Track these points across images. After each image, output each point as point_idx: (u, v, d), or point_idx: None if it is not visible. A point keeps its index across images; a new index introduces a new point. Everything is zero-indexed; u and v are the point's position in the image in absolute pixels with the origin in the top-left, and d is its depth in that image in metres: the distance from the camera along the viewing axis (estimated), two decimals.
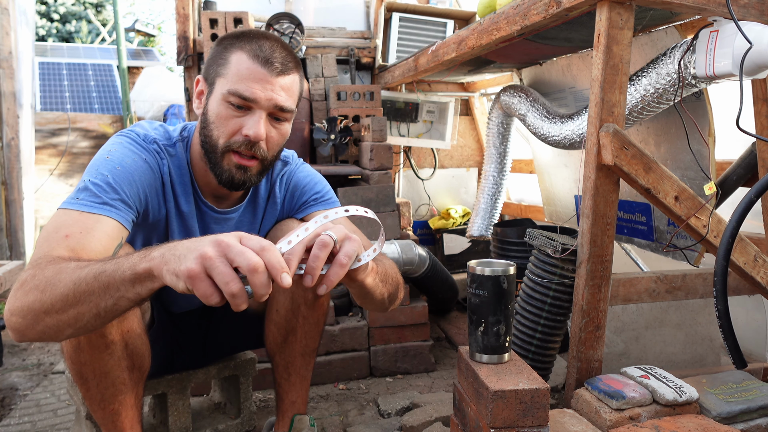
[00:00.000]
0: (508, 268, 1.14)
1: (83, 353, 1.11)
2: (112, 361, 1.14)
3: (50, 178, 4.23)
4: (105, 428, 1.23)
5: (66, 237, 0.98)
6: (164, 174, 1.21)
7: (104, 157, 1.13)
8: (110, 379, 1.16)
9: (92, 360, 1.12)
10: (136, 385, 1.22)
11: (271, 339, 1.42)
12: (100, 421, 1.22)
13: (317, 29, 3.05)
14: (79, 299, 0.85)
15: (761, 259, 1.49)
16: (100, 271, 0.84)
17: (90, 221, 1.03)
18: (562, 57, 2.21)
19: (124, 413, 1.22)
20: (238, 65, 1.12)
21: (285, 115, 1.17)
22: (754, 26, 1.29)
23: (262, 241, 0.77)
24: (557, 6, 1.39)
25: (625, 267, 2.29)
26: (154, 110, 5.67)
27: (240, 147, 1.14)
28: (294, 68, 1.17)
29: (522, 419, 1.06)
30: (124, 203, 1.09)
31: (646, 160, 1.33)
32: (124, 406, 1.21)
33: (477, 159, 3.42)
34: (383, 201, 2.25)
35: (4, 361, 2.31)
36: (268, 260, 0.76)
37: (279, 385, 1.46)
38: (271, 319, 1.40)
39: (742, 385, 1.35)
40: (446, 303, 2.55)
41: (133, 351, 1.18)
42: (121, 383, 1.18)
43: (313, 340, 1.42)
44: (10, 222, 3.19)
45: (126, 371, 1.18)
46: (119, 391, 1.19)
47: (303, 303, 1.36)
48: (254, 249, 0.76)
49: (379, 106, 2.69)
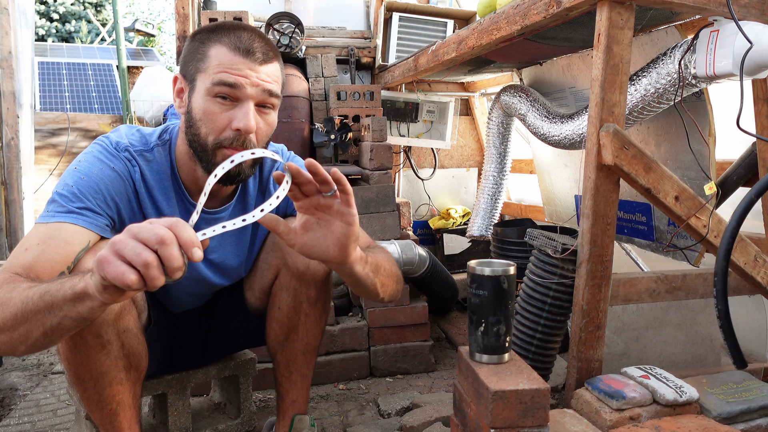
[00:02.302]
0: (508, 268, 1.14)
1: (79, 353, 1.11)
2: (108, 361, 1.13)
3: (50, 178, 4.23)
4: (103, 429, 1.23)
5: (25, 251, 1.01)
6: (136, 180, 1.18)
7: (73, 168, 1.14)
8: (107, 379, 1.15)
9: (88, 360, 1.12)
10: (133, 385, 1.22)
11: (272, 337, 1.42)
12: (99, 421, 1.21)
13: (317, 29, 3.05)
14: (27, 318, 0.86)
15: (761, 259, 1.49)
16: (45, 291, 0.86)
17: (50, 230, 1.05)
18: (563, 57, 2.21)
19: (122, 413, 1.21)
20: (219, 58, 1.09)
21: (272, 101, 1.14)
22: (755, 26, 1.29)
23: (172, 220, 0.76)
24: (557, 6, 1.39)
25: (625, 267, 2.29)
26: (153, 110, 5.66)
27: (231, 143, 1.11)
28: (274, 57, 1.15)
29: (522, 419, 1.06)
30: (90, 210, 1.10)
31: (646, 160, 1.33)
32: (121, 407, 1.20)
33: (477, 159, 3.42)
34: (383, 201, 2.25)
35: (4, 361, 2.30)
36: (178, 234, 0.75)
37: (280, 384, 1.46)
38: (273, 317, 1.40)
39: (742, 386, 1.35)
40: (446, 303, 2.55)
41: (130, 351, 1.17)
42: (118, 383, 1.17)
43: (314, 338, 1.42)
44: (10, 222, 3.19)
45: (123, 371, 1.17)
46: (116, 392, 1.18)
47: (305, 300, 1.37)
48: (164, 224, 0.75)
49: (379, 106, 2.69)
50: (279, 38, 2.73)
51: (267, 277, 1.40)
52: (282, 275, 1.37)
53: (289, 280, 1.35)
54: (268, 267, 1.39)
